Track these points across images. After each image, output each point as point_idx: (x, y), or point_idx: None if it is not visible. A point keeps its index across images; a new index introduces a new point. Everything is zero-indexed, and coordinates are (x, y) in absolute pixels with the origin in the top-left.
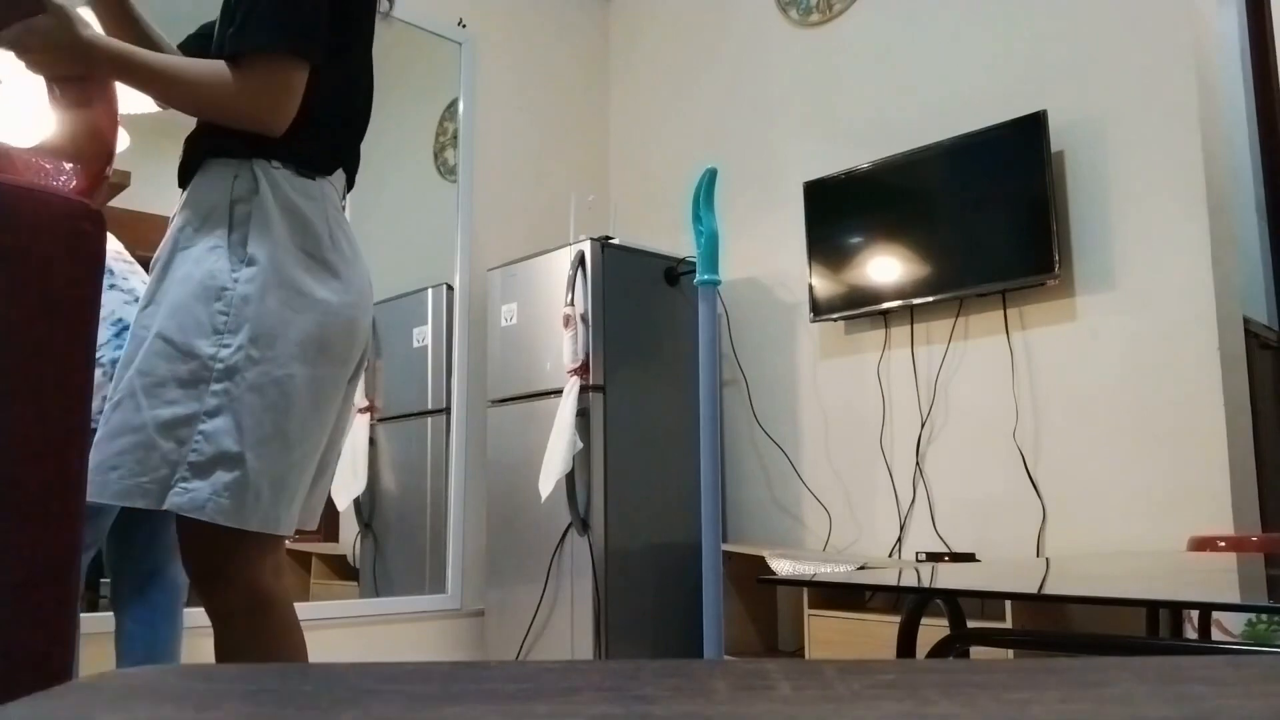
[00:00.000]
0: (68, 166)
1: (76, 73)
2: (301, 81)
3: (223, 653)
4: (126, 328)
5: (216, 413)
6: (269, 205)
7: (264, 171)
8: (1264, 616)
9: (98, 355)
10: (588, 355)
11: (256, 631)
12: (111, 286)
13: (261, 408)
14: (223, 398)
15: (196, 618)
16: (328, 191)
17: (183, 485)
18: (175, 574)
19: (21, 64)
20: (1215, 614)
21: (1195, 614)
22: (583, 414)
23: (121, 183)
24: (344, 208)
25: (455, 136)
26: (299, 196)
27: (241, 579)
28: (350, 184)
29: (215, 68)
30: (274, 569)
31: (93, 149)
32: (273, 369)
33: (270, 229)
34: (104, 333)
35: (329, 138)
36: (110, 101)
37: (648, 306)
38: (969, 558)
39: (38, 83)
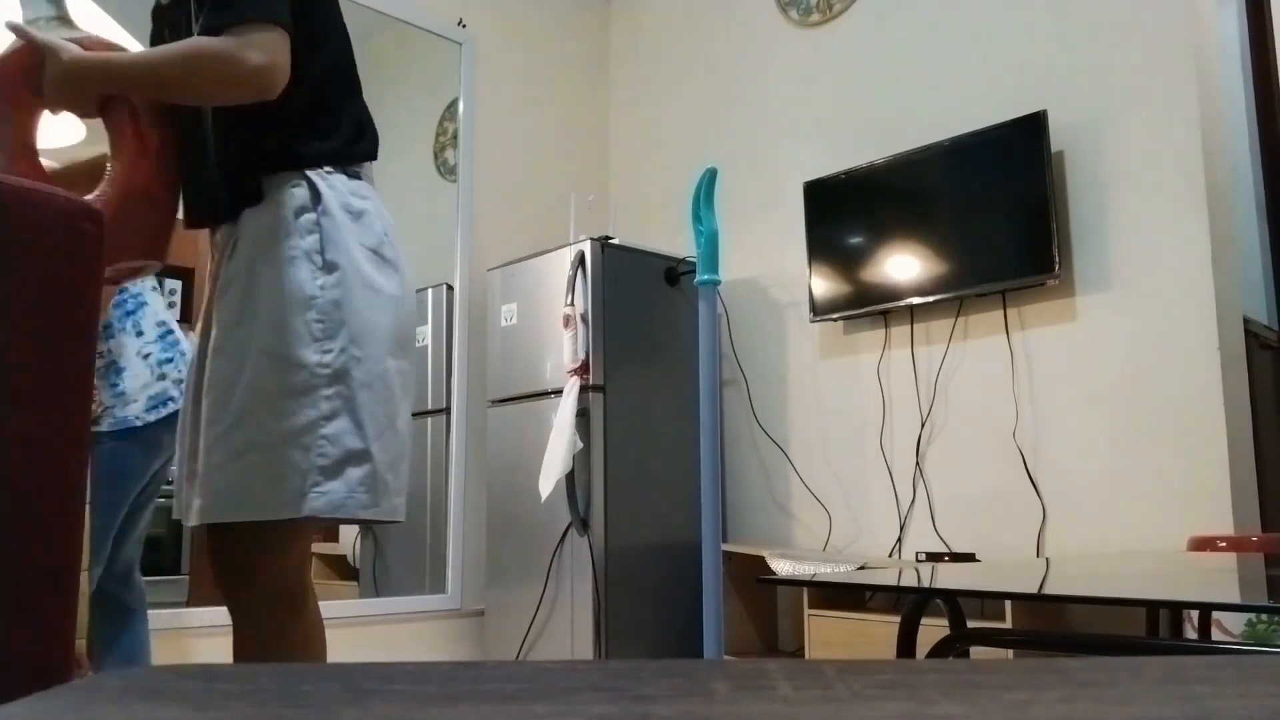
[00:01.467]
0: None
1: (84, 100)
2: (286, 46)
3: (250, 649)
4: (170, 331)
5: (334, 415)
6: (335, 210)
7: (320, 178)
8: (1264, 616)
9: (144, 354)
10: (588, 355)
11: (283, 631)
12: (154, 288)
13: (374, 402)
14: (337, 400)
15: (197, 618)
16: (373, 188)
17: (317, 490)
18: (139, 577)
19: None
20: (1215, 614)
21: (1195, 614)
22: (583, 414)
23: None
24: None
25: (455, 136)
26: (355, 198)
27: (277, 575)
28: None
29: (189, 45)
30: (305, 565)
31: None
32: (373, 365)
33: (341, 233)
34: (151, 333)
35: (357, 132)
36: (132, 135)
37: (648, 306)
38: (969, 558)
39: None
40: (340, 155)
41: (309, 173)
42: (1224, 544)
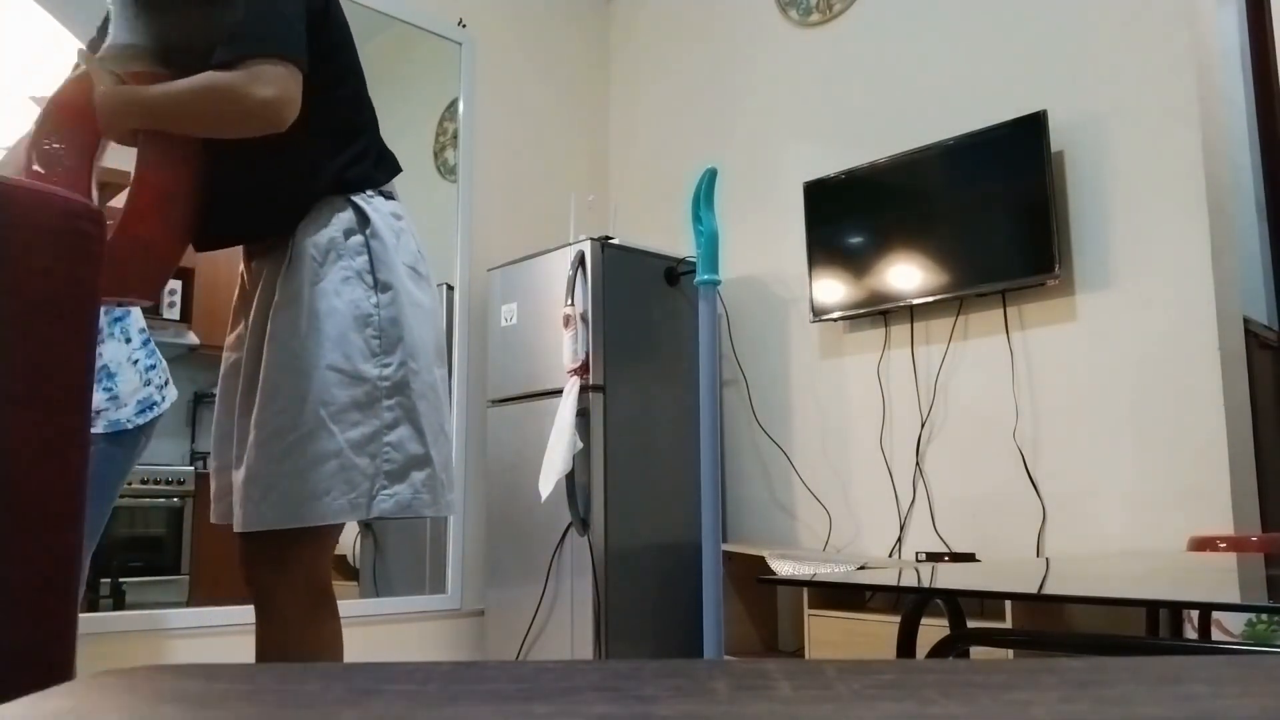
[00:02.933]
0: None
1: (120, 130)
2: (296, 81)
3: (272, 644)
4: (149, 339)
5: (396, 424)
6: (383, 233)
7: (364, 201)
8: (1264, 616)
9: (133, 360)
10: (588, 355)
11: (310, 625)
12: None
13: (429, 411)
14: (398, 410)
15: (196, 618)
16: (403, 207)
17: (385, 493)
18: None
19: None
20: (1215, 614)
21: (1195, 614)
22: (583, 414)
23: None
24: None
25: (455, 136)
26: (395, 220)
27: (305, 573)
28: None
29: (211, 81)
30: (329, 565)
31: (162, 249)
32: (426, 376)
33: (389, 254)
34: (136, 340)
35: (383, 155)
36: (182, 201)
37: (648, 306)
38: (969, 558)
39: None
40: (377, 178)
41: (353, 197)
42: (1224, 544)
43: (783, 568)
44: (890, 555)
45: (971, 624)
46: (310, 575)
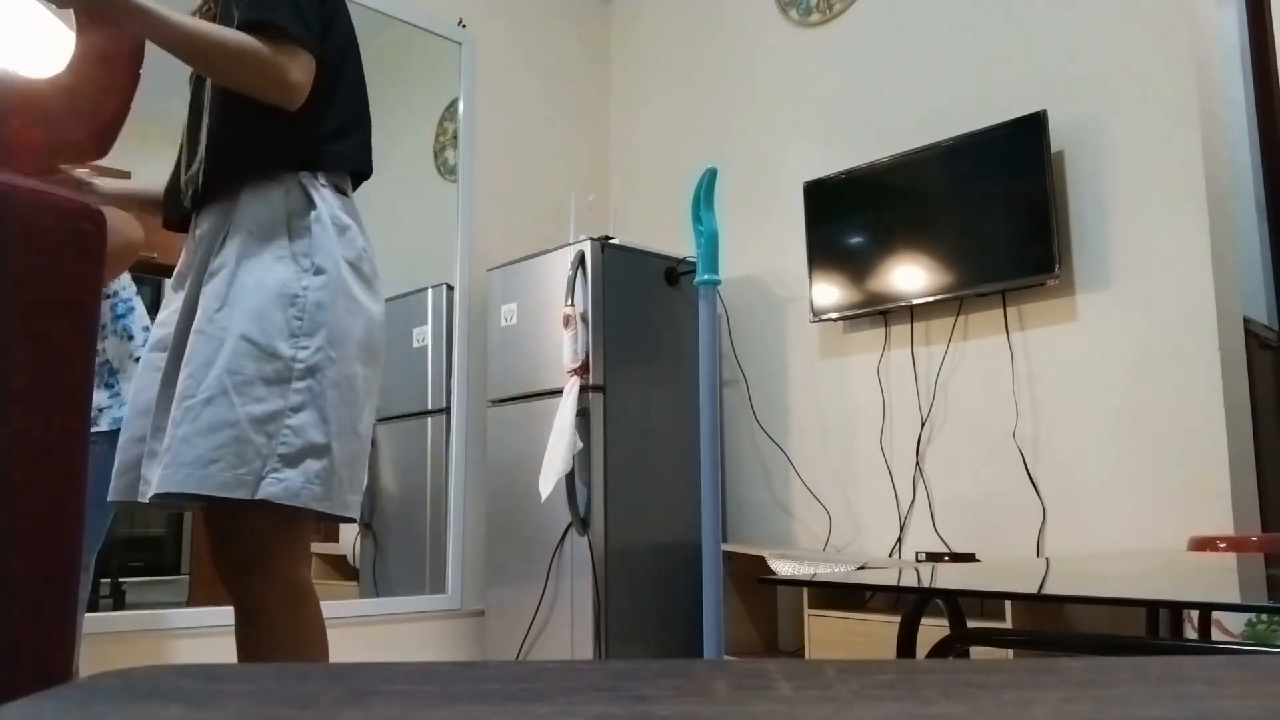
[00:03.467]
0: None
1: (102, 14)
2: (311, 65)
3: (254, 644)
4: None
5: (301, 408)
6: (326, 220)
7: (313, 188)
8: (1264, 616)
9: (135, 357)
10: (588, 355)
11: (291, 623)
12: (137, 293)
13: (340, 402)
14: (306, 394)
15: (196, 618)
16: (358, 208)
17: (275, 475)
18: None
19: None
20: (1215, 614)
21: (1195, 614)
22: (583, 414)
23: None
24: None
25: (455, 136)
26: (343, 214)
27: (283, 570)
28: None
29: (243, 36)
30: (307, 562)
31: (103, 99)
32: (345, 367)
33: (328, 242)
34: (139, 337)
35: (358, 155)
36: (126, 56)
37: (648, 306)
38: (969, 558)
39: (64, 16)
40: (339, 163)
41: (303, 179)
42: (1224, 544)
43: (783, 568)
44: (890, 555)
45: (971, 624)
46: (288, 574)
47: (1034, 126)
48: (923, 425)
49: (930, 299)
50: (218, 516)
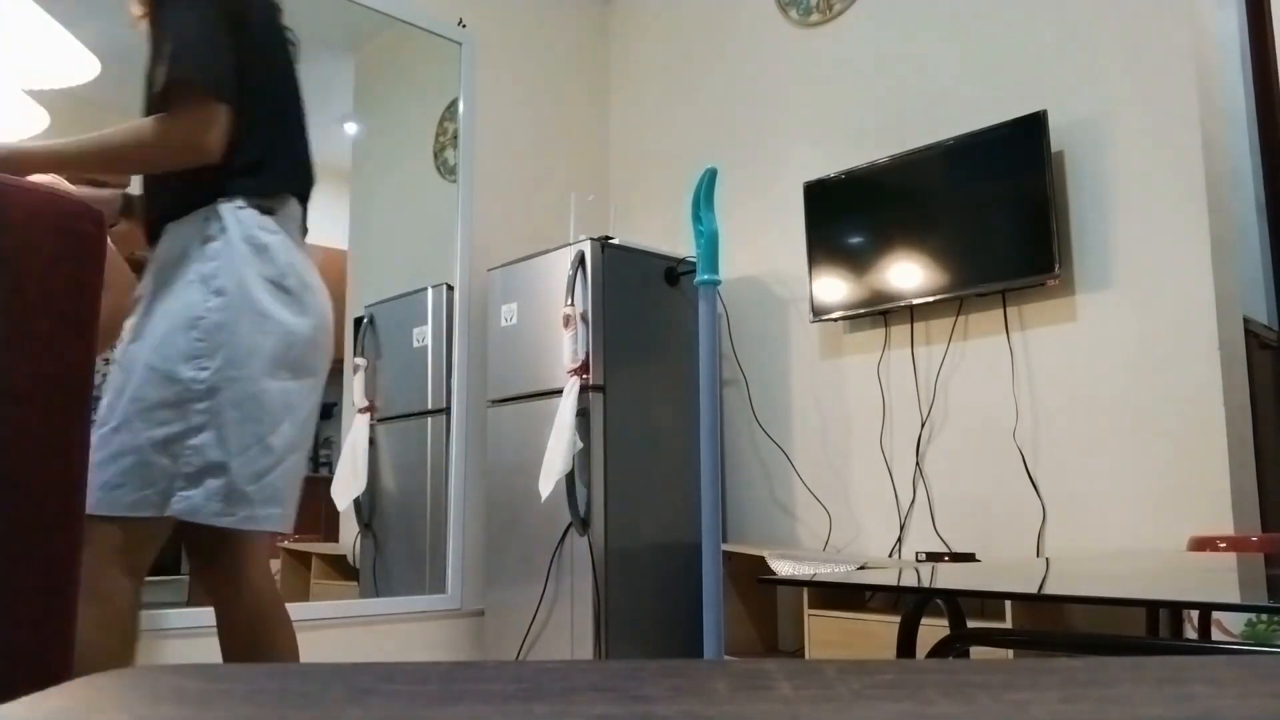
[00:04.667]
0: None
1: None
2: (219, 113)
3: (229, 655)
4: None
5: (202, 429)
6: (235, 240)
7: (229, 211)
8: (1264, 616)
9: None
10: (588, 355)
11: (263, 634)
12: None
13: (241, 420)
14: (206, 415)
15: (196, 618)
16: (287, 224)
17: (181, 494)
18: None
19: None
20: (1215, 614)
21: (1195, 614)
22: (583, 414)
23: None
24: (305, 231)
25: (455, 136)
26: (262, 231)
27: (247, 584)
28: (304, 207)
29: (147, 127)
30: (261, 573)
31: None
32: (247, 385)
33: (236, 262)
34: None
35: (279, 174)
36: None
37: (648, 306)
38: (969, 558)
39: None
40: (254, 192)
41: (221, 206)
42: (1224, 544)
43: (783, 568)
44: (890, 555)
45: (971, 624)
46: (247, 584)
47: (1034, 126)
48: (923, 425)
49: (930, 299)
50: (198, 537)
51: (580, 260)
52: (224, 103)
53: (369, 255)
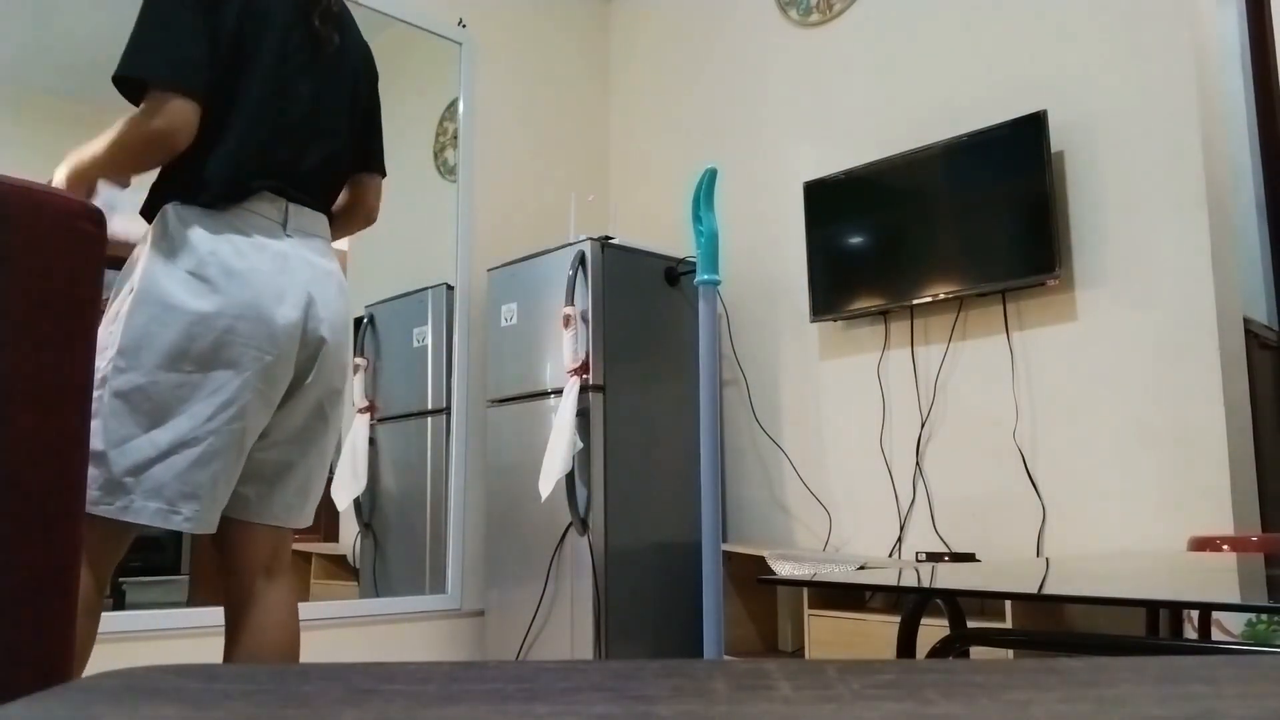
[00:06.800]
0: None
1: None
2: (185, 110)
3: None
4: None
5: (95, 416)
6: (157, 237)
7: (172, 210)
8: (1264, 616)
9: None
10: (588, 355)
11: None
12: None
13: (125, 411)
14: (97, 404)
15: (197, 618)
16: (236, 218)
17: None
18: None
19: None
20: (1215, 614)
21: (1195, 614)
22: (583, 414)
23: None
24: (284, 223)
25: (455, 136)
26: (192, 226)
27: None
28: (311, 199)
29: (122, 123)
30: (103, 567)
31: None
32: (135, 376)
33: (152, 256)
34: None
35: (231, 171)
36: None
37: (648, 306)
38: (969, 558)
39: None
40: (196, 190)
41: (167, 207)
42: (1224, 544)
43: (783, 568)
44: (890, 555)
45: (971, 624)
46: (86, 576)
47: (1034, 126)
48: (922, 425)
49: (930, 299)
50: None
51: (580, 260)
52: (179, 93)
53: (369, 255)
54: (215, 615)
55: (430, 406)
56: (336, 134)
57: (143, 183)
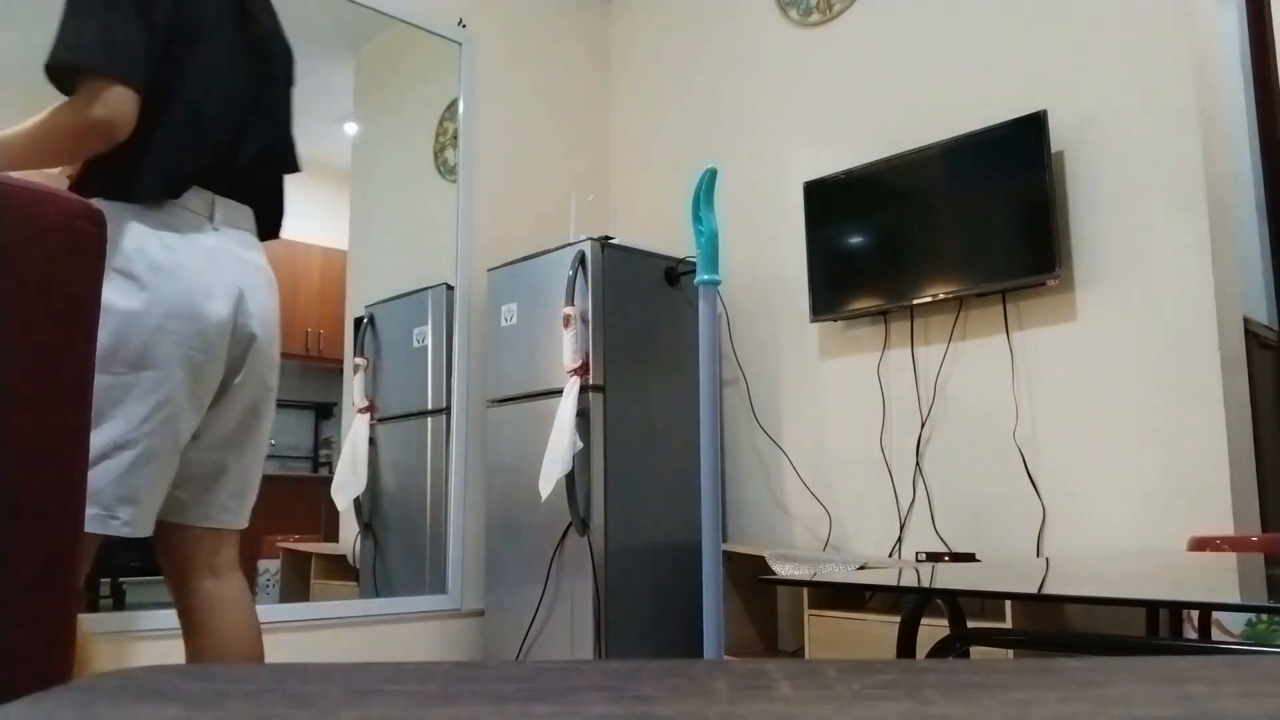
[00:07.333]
0: None
1: None
2: (124, 98)
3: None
4: None
5: None
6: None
7: (107, 206)
8: (1264, 616)
9: None
10: (588, 355)
11: None
12: None
13: None
14: None
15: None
16: (164, 213)
17: None
18: None
19: None
20: (1215, 614)
21: (1195, 614)
22: (583, 414)
23: None
24: (211, 216)
25: (455, 136)
26: (119, 222)
27: None
28: (240, 193)
29: (52, 113)
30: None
31: None
32: None
33: None
34: None
35: (159, 166)
36: None
37: (648, 306)
38: (969, 558)
39: None
40: (119, 186)
41: (103, 202)
42: (1224, 544)
43: (783, 568)
44: (890, 555)
45: (971, 624)
46: None
47: (1034, 126)
48: (922, 425)
49: (930, 299)
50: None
51: (580, 260)
52: (120, 82)
53: (369, 255)
54: None
55: (430, 406)
56: (273, 126)
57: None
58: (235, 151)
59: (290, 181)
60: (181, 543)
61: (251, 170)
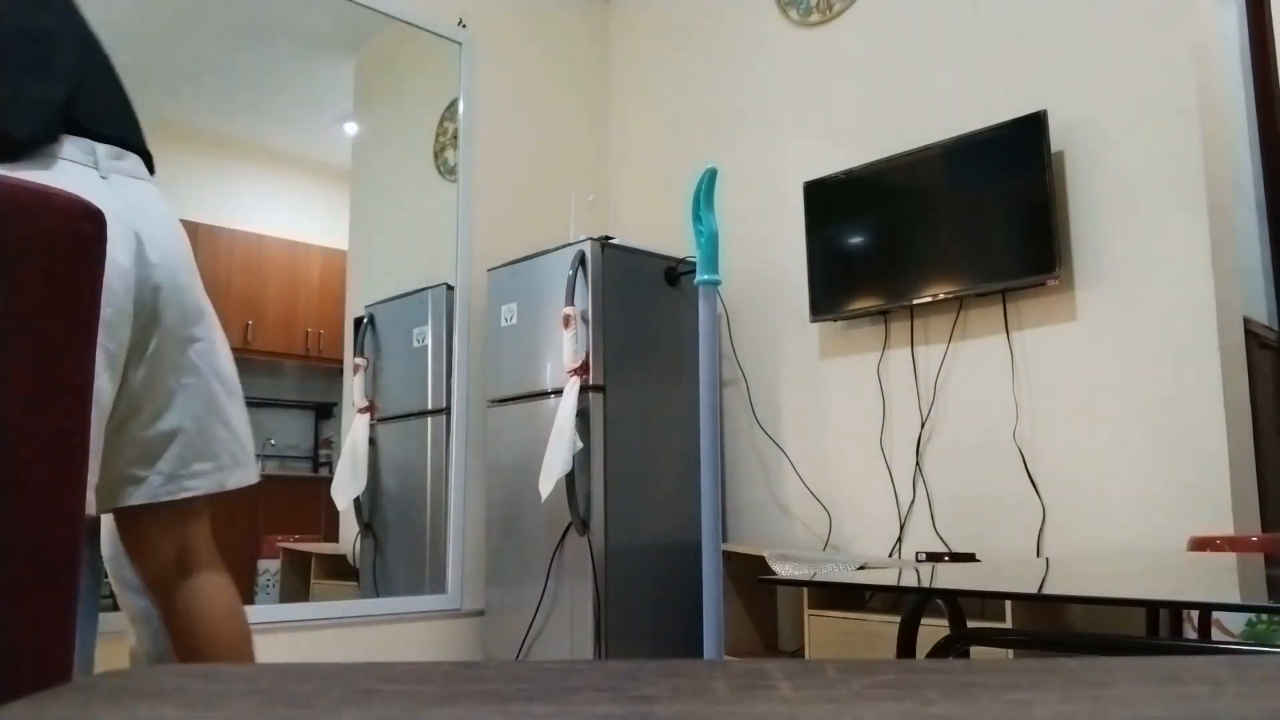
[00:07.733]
0: None
1: None
2: None
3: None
4: None
5: None
6: None
7: None
8: (1264, 616)
9: None
10: (588, 355)
11: None
12: None
13: None
14: None
15: None
16: (44, 168)
17: None
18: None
19: None
20: (1215, 614)
21: (1195, 614)
22: (583, 414)
23: None
24: (96, 165)
25: (455, 136)
26: None
27: None
28: (120, 138)
29: None
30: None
31: None
32: None
33: None
34: None
35: (23, 115)
36: None
37: (648, 306)
38: (969, 558)
39: None
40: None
41: None
42: (1224, 544)
43: (783, 568)
44: (890, 555)
45: (971, 624)
46: None
47: (1034, 126)
48: (922, 425)
49: (930, 299)
50: None
51: (580, 260)
52: None
53: (369, 255)
54: None
55: (430, 406)
56: (110, 69)
57: None
58: (99, 94)
59: (290, 181)
60: (141, 533)
61: (124, 112)
